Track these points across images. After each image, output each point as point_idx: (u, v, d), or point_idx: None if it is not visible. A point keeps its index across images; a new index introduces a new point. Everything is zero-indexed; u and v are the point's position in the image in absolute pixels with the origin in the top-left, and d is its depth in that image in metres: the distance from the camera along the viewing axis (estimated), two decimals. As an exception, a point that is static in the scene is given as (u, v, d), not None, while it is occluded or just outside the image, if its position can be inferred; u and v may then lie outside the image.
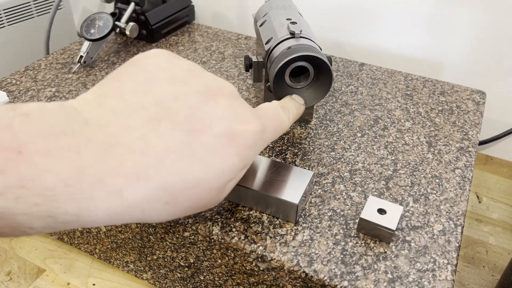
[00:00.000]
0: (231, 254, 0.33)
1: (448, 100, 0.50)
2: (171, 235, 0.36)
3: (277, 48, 0.38)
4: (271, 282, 0.33)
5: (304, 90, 0.37)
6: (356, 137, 0.43)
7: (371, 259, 0.31)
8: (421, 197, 0.37)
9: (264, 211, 0.34)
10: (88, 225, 0.21)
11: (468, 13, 0.58)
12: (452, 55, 0.61)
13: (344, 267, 0.31)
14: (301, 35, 0.38)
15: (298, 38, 0.38)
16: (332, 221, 0.34)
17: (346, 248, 0.32)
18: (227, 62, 0.56)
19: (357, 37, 0.67)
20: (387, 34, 0.65)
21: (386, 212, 0.33)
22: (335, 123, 0.45)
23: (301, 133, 0.44)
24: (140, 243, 0.39)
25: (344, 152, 0.41)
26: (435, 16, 0.60)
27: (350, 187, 0.37)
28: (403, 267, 0.31)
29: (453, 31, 0.60)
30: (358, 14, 0.65)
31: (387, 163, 0.40)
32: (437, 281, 0.30)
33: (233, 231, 0.33)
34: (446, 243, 0.33)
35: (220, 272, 0.36)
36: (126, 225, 0.38)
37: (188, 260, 0.37)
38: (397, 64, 0.65)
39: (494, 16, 0.57)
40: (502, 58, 0.59)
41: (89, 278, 0.44)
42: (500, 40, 0.58)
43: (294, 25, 0.39)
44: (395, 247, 0.32)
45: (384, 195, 0.37)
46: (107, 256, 0.43)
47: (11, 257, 0.45)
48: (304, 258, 0.31)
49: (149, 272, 0.41)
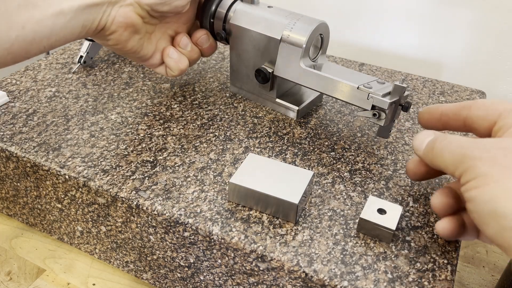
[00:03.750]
0: (231, 254, 0.33)
1: (448, 100, 0.50)
2: (171, 235, 0.36)
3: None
4: (271, 282, 0.33)
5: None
6: (356, 137, 0.43)
7: (371, 259, 0.31)
8: (421, 197, 0.37)
9: (264, 211, 0.34)
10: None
11: (468, 13, 0.58)
12: (452, 55, 0.61)
13: (344, 267, 0.31)
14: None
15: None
16: (332, 221, 0.34)
17: (346, 248, 0.32)
18: (227, 62, 0.56)
19: (357, 37, 0.67)
20: (387, 34, 0.65)
21: (386, 212, 0.33)
22: (335, 123, 0.45)
23: (301, 133, 0.44)
24: (140, 243, 0.39)
25: (344, 152, 0.41)
26: (435, 16, 0.60)
27: (350, 187, 0.37)
28: (403, 267, 0.31)
29: (453, 31, 0.60)
30: (358, 14, 0.65)
31: (387, 163, 0.40)
32: (437, 281, 0.30)
33: (233, 231, 0.33)
34: (446, 243, 0.33)
35: (220, 272, 0.36)
36: (126, 225, 0.38)
37: (188, 260, 0.37)
38: (397, 64, 0.65)
39: (494, 16, 0.57)
40: (502, 58, 0.59)
41: (89, 278, 0.44)
42: (500, 40, 0.58)
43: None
44: (395, 247, 0.32)
45: (384, 195, 0.37)
46: (107, 256, 0.43)
47: (11, 257, 0.45)
48: (304, 258, 0.31)
49: (149, 272, 0.41)
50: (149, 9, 0.39)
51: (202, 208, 0.35)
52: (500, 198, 0.24)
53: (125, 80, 0.52)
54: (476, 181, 0.25)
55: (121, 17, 0.37)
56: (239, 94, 0.49)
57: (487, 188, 0.25)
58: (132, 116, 0.45)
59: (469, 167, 0.26)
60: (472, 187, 0.26)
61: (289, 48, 0.41)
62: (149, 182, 0.37)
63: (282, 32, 0.41)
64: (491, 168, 0.25)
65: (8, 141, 0.42)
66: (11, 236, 0.48)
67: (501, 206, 0.24)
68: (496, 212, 0.24)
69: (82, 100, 0.48)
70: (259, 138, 0.43)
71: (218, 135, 0.43)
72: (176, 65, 0.43)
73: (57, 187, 0.40)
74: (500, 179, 0.24)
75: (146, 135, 0.43)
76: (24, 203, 0.45)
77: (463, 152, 0.27)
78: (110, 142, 0.42)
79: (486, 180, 0.25)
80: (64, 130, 0.43)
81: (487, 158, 0.26)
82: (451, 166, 0.28)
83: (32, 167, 0.40)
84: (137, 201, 0.36)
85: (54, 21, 0.33)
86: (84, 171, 0.38)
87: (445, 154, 0.29)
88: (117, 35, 0.39)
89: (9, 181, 0.44)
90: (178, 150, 0.41)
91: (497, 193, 0.24)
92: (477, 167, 0.26)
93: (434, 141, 0.31)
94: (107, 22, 0.37)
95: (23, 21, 0.31)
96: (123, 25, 0.38)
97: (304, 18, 0.42)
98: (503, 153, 0.26)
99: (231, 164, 0.39)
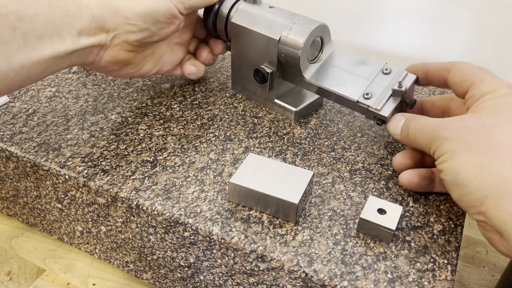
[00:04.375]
0: (231, 254, 0.33)
1: (448, 100, 0.50)
2: (171, 235, 0.36)
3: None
4: (271, 282, 0.33)
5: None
6: (356, 137, 0.43)
7: (371, 259, 0.31)
8: (421, 197, 0.37)
9: (264, 211, 0.34)
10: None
11: (468, 13, 0.58)
12: (452, 55, 0.61)
13: (344, 267, 0.31)
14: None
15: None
16: (332, 221, 0.34)
17: (346, 248, 0.32)
18: (227, 62, 0.56)
19: (357, 37, 0.67)
20: (387, 34, 0.65)
21: (386, 212, 0.33)
22: (335, 123, 0.45)
23: (301, 133, 0.44)
24: (140, 243, 0.39)
25: (344, 152, 0.41)
26: (435, 16, 0.60)
27: (350, 187, 0.37)
28: (403, 267, 0.31)
29: (453, 31, 0.60)
30: (358, 14, 0.65)
31: (387, 163, 0.40)
32: (437, 281, 0.30)
33: (233, 231, 0.33)
34: (446, 243, 0.33)
35: (220, 272, 0.36)
36: (126, 225, 0.38)
37: (188, 260, 0.37)
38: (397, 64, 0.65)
39: (494, 16, 0.57)
40: (502, 58, 0.59)
41: (89, 278, 0.44)
42: (500, 40, 0.58)
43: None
44: (395, 247, 0.32)
45: (384, 195, 0.37)
46: (107, 256, 0.43)
47: (11, 257, 0.45)
48: (304, 258, 0.31)
49: (149, 272, 0.41)
50: (139, 44, 0.39)
51: (202, 208, 0.35)
52: (460, 169, 0.29)
53: (125, 80, 0.52)
54: (445, 156, 0.30)
55: (109, 56, 0.38)
56: (240, 94, 0.49)
57: (451, 162, 0.30)
58: (132, 116, 0.45)
59: (439, 145, 0.31)
60: (442, 161, 0.31)
61: (287, 49, 0.41)
62: (149, 182, 0.37)
63: (281, 32, 0.41)
64: (455, 145, 0.30)
65: (8, 141, 0.42)
66: (11, 236, 0.48)
67: (461, 177, 0.29)
68: (457, 181, 0.29)
69: (82, 100, 0.48)
70: (259, 138, 0.43)
71: (218, 135, 0.43)
72: (196, 76, 0.49)
73: (57, 187, 0.40)
74: (461, 154, 0.29)
75: (146, 135, 0.43)
76: (24, 203, 0.45)
77: (433, 134, 0.32)
78: (110, 142, 0.42)
79: (451, 155, 0.30)
80: (64, 130, 0.43)
81: (452, 137, 0.31)
82: (426, 146, 0.33)
83: (32, 167, 0.40)
84: (137, 201, 0.36)
85: (48, 62, 0.34)
86: (84, 171, 0.38)
87: (419, 137, 0.34)
88: (106, 70, 0.40)
89: (9, 181, 0.44)
90: (178, 150, 0.41)
91: (458, 165, 0.29)
92: (444, 145, 0.31)
93: (407, 126, 0.36)
94: (94, 60, 0.38)
95: (22, 62, 0.32)
96: (111, 63, 0.39)
97: (303, 20, 0.42)
98: (464, 131, 0.30)
99: (231, 164, 0.39)
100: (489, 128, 0.30)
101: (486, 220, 0.28)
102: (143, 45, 0.40)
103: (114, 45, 0.38)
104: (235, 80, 0.49)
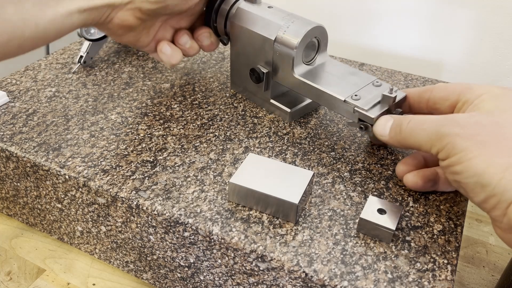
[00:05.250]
0: (231, 254, 0.33)
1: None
2: (171, 235, 0.36)
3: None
4: (271, 282, 0.33)
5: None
6: (356, 137, 0.43)
7: (371, 259, 0.31)
8: (421, 197, 0.37)
9: (264, 211, 0.34)
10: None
11: (468, 13, 0.58)
12: (452, 55, 0.61)
13: (344, 267, 0.31)
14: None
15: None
16: (332, 221, 0.34)
17: (346, 248, 0.32)
18: (227, 62, 0.56)
19: (357, 37, 0.67)
20: (387, 34, 0.65)
21: (386, 212, 0.33)
22: (335, 123, 0.45)
23: (301, 133, 0.44)
24: (140, 243, 0.39)
25: (344, 152, 0.41)
26: (435, 16, 0.60)
27: (350, 187, 0.37)
28: (403, 267, 0.31)
29: (453, 31, 0.60)
30: (358, 14, 0.65)
31: (387, 163, 0.40)
32: (437, 281, 0.30)
33: (233, 231, 0.33)
34: (446, 243, 0.33)
35: (220, 272, 0.36)
36: (126, 225, 0.38)
37: (188, 260, 0.37)
38: (397, 64, 0.65)
39: (494, 16, 0.57)
40: (502, 58, 0.59)
41: (89, 278, 0.44)
42: (500, 40, 0.58)
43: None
44: (395, 247, 0.32)
45: (384, 195, 0.37)
46: (107, 256, 0.43)
47: (11, 257, 0.45)
48: (304, 258, 0.31)
49: (149, 272, 0.41)
50: (150, 13, 0.40)
51: (202, 208, 0.35)
52: (485, 171, 0.27)
53: (125, 80, 0.52)
54: (459, 157, 0.28)
55: (119, 19, 0.39)
56: (239, 94, 0.49)
57: (471, 163, 0.28)
58: (132, 116, 0.45)
59: (448, 143, 0.29)
60: (455, 162, 0.28)
61: (282, 49, 0.41)
62: (149, 182, 0.37)
63: (276, 32, 0.41)
64: (469, 144, 0.28)
65: (8, 141, 0.42)
66: (11, 236, 0.48)
67: (486, 179, 0.27)
68: (482, 183, 0.27)
69: (82, 100, 0.48)
70: (259, 138, 0.43)
71: (218, 135, 0.43)
72: (168, 60, 0.44)
73: (57, 187, 0.40)
74: (480, 154, 0.27)
75: (146, 135, 0.43)
76: (24, 203, 0.45)
77: (437, 130, 0.30)
78: (110, 142, 0.42)
79: (467, 155, 0.28)
80: (64, 130, 0.43)
81: (465, 134, 0.28)
82: (426, 144, 0.31)
83: (32, 167, 0.40)
84: (137, 201, 0.36)
85: (63, 21, 0.34)
86: (84, 171, 0.38)
87: (417, 133, 0.32)
88: (112, 32, 0.40)
89: (9, 181, 0.44)
90: (178, 150, 0.41)
91: (482, 167, 0.27)
92: (457, 143, 0.28)
93: (399, 124, 0.34)
94: (104, 21, 0.38)
95: (37, 19, 0.33)
96: (119, 26, 0.39)
97: (300, 20, 0.42)
98: (477, 128, 0.28)
99: (231, 164, 0.39)
100: (501, 125, 0.28)
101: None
102: (154, 15, 0.40)
103: (127, 9, 0.38)
104: (234, 80, 0.49)
